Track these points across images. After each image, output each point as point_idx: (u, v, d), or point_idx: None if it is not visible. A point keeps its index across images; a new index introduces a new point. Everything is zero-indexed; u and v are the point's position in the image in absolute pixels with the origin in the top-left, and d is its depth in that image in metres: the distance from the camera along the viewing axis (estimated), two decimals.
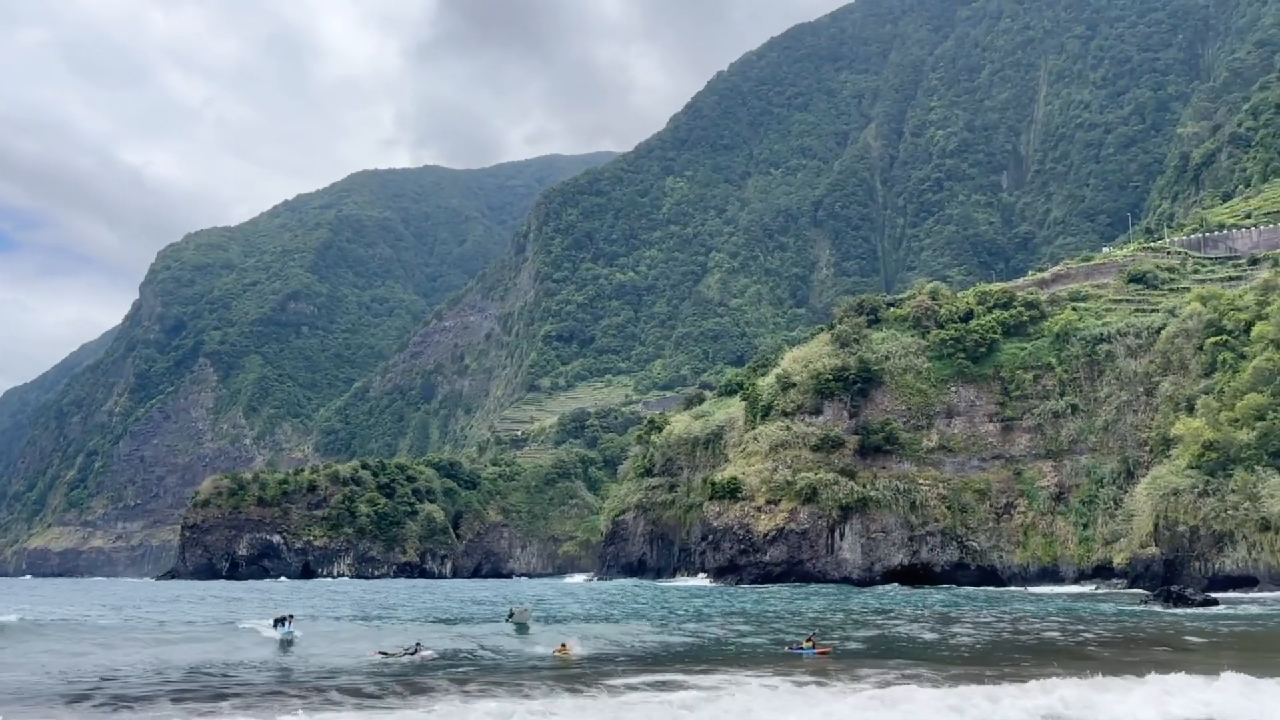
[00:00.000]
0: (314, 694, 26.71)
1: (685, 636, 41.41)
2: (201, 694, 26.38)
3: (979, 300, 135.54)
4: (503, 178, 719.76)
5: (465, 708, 23.89)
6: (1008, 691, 24.59)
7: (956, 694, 24.25)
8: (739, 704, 23.52)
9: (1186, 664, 33.39)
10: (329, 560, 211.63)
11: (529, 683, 28.40)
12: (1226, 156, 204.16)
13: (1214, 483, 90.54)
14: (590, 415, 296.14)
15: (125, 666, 31.34)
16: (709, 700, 24.21)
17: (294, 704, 24.80)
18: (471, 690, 26.92)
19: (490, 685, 27.87)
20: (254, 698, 26.06)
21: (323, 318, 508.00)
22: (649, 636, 41.13)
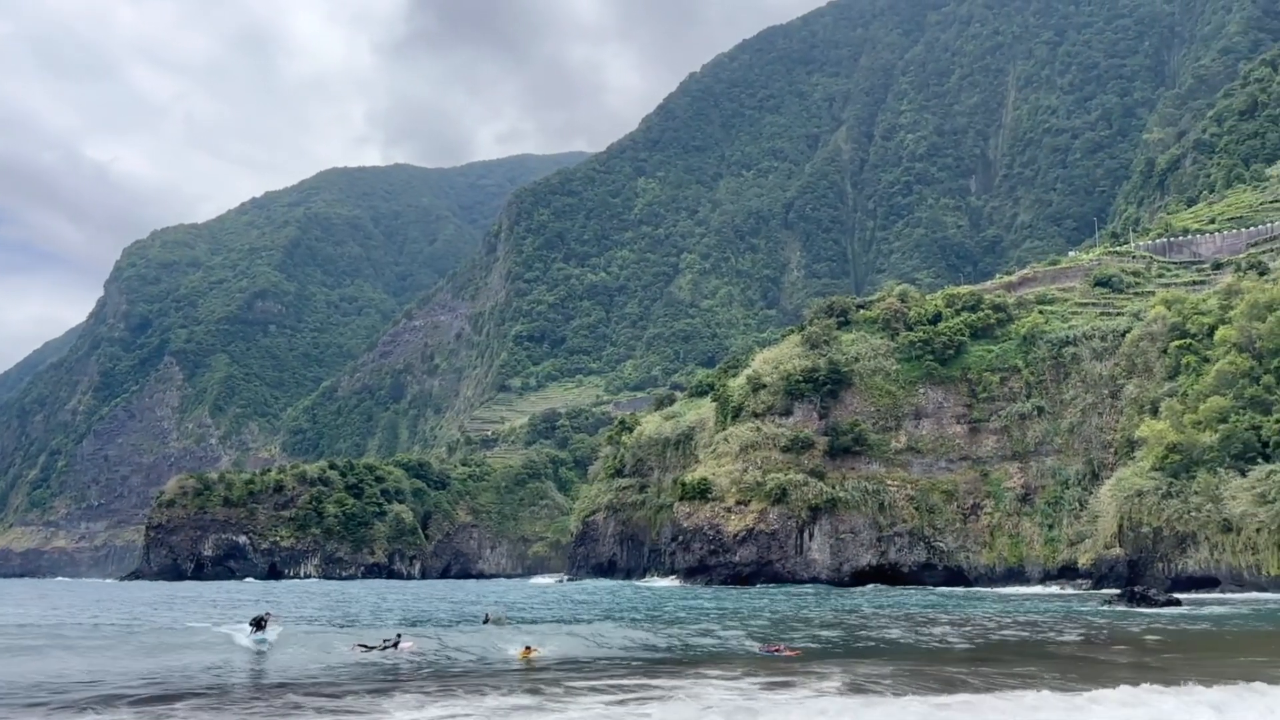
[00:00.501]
0: (271, 695, 26.37)
1: (655, 637, 41.34)
2: (151, 698, 25.69)
3: (947, 303, 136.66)
4: (474, 177, 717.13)
5: (418, 711, 23.64)
6: (983, 701, 24.69)
7: (923, 704, 24.33)
8: (691, 712, 23.35)
9: (1152, 668, 33.84)
10: (296, 561, 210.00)
11: (491, 684, 28.21)
12: (1191, 162, 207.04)
13: (1177, 484, 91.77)
14: (561, 416, 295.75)
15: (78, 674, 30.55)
16: (663, 705, 24.09)
17: (254, 706, 24.48)
18: (432, 691, 26.71)
19: (451, 687, 27.56)
20: (210, 699, 25.65)
21: (290, 316, 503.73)
22: (618, 638, 41.04)
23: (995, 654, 36.66)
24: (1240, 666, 31.48)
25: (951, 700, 24.39)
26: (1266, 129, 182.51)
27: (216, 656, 35.24)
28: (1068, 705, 23.63)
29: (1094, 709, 23.07)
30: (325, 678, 30.35)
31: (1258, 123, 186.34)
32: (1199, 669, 29.98)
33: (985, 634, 44.67)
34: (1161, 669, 31.99)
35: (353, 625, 52.24)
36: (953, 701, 24.21)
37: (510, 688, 27.26)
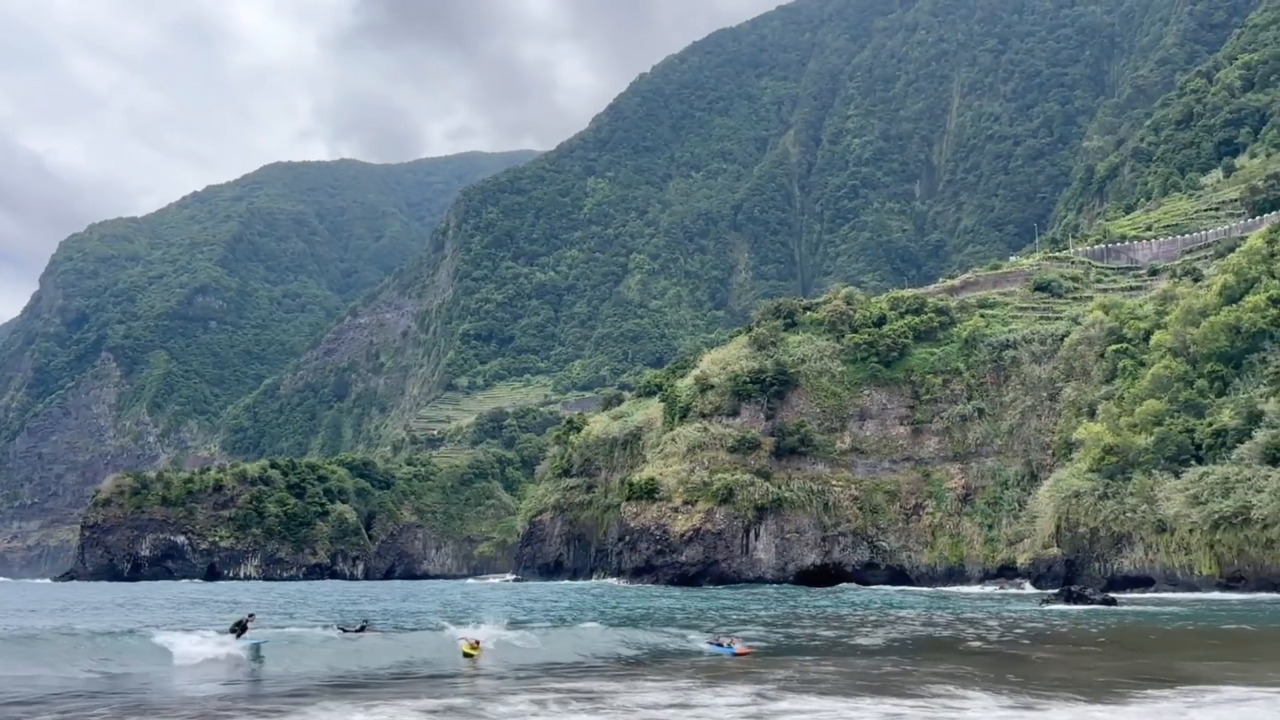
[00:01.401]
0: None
1: (607, 640, 41.10)
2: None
3: (892, 306, 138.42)
4: (421, 173, 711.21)
5: (343, 716, 23.01)
6: (903, 703, 24.95)
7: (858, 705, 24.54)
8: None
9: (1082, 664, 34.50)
10: (236, 561, 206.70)
11: (425, 689, 27.73)
12: (1129, 170, 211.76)
13: (1113, 486, 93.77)
14: (508, 415, 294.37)
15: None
16: (591, 706, 23.88)
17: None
18: (359, 695, 26.19)
19: (379, 693, 27.00)
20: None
21: (232, 313, 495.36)
22: (567, 639, 40.80)
23: (932, 653, 37.16)
24: (1161, 662, 32.27)
25: (898, 703, 24.67)
26: (1201, 139, 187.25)
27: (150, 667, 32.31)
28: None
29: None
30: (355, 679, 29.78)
31: (1193, 132, 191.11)
32: (1130, 670, 30.65)
33: (920, 633, 45.29)
34: (1091, 670, 32.67)
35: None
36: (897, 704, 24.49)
37: (443, 691, 26.87)
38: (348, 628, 42.65)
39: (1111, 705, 23.37)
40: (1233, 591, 78.94)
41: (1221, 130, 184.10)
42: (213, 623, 48.91)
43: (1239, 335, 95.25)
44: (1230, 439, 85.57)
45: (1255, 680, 27.05)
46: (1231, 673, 29.33)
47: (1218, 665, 31.90)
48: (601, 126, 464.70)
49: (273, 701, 25.10)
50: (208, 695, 27.01)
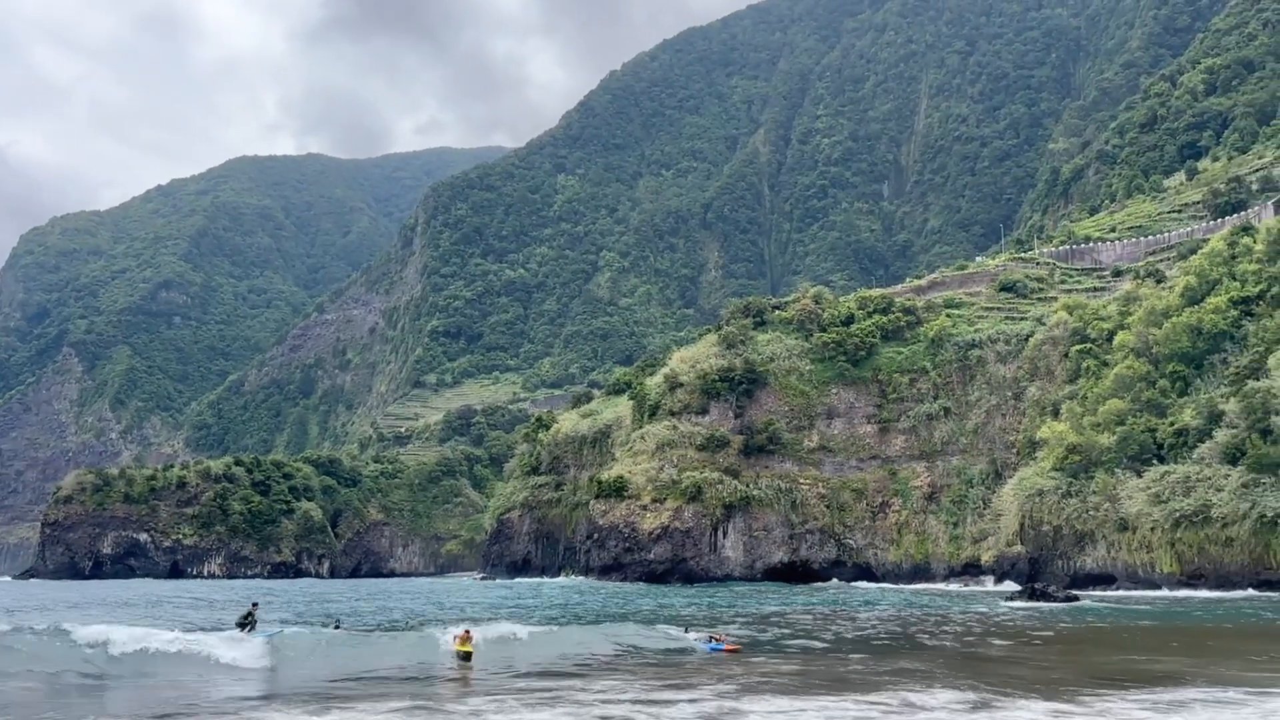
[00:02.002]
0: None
1: (593, 637, 40.13)
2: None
3: (860, 305, 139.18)
4: (390, 169, 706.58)
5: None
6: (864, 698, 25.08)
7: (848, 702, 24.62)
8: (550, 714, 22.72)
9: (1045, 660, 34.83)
10: (199, 560, 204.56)
11: (395, 690, 27.16)
12: (1094, 172, 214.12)
13: (1076, 484, 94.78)
14: (477, 413, 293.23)
15: None
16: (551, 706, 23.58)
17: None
18: (333, 698, 25.83)
19: (345, 696, 26.28)
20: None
21: (196, 308, 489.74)
22: (547, 639, 39.90)
23: (895, 650, 37.40)
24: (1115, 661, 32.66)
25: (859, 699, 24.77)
26: (1165, 141, 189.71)
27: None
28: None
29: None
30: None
31: (1157, 135, 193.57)
32: (1085, 668, 30.96)
33: (889, 629, 45.58)
34: (1051, 668, 33.01)
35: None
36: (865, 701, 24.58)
37: (414, 693, 26.57)
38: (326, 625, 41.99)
39: (1070, 703, 23.60)
40: (1193, 589, 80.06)
41: (1184, 133, 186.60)
42: (202, 622, 48.33)
43: (1200, 336, 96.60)
44: (1191, 438, 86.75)
45: (1215, 679, 27.40)
46: (1188, 669, 29.74)
47: (1178, 663, 32.32)
48: (572, 123, 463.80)
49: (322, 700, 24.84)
50: (255, 696, 26.70)
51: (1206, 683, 26.20)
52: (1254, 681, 26.59)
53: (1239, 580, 77.76)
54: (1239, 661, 32.34)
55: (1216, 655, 34.65)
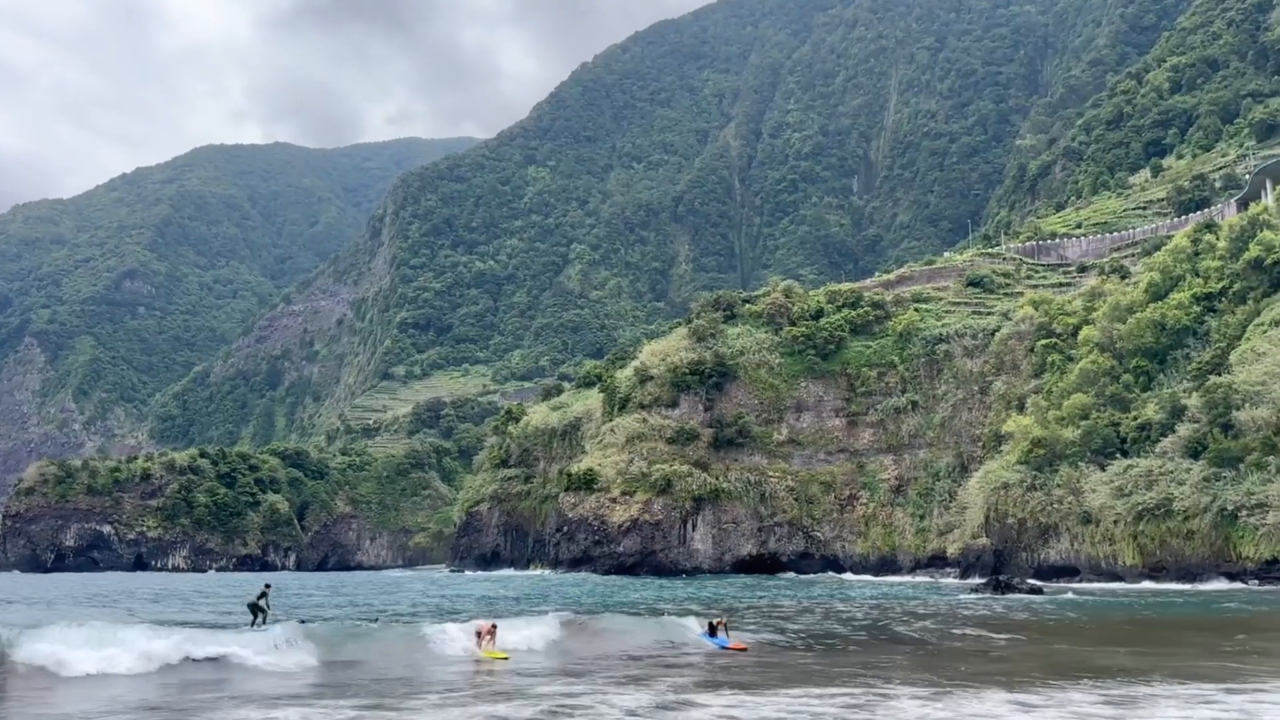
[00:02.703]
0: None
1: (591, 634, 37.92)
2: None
3: (829, 299, 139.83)
4: (358, 158, 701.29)
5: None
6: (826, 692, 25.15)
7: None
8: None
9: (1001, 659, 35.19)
10: (164, 552, 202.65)
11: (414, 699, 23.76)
12: (1060, 169, 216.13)
13: (1041, 477, 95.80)
14: (446, 405, 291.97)
15: None
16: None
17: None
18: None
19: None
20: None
21: (161, 298, 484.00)
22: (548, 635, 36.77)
23: (857, 642, 37.64)
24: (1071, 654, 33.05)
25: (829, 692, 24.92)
26: (1131, 139, 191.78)
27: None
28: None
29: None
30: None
31: (1123, 132, 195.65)
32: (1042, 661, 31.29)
33: (853, 621, 45.91)
34: (1013, 660, 33.33)
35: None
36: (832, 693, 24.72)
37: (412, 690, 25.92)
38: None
39: (1031, 695, 23.84)
40: (1155, 581, 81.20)
41: (1150, 131, 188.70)
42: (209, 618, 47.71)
43: (1164, 331, 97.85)
44: (1154, 433, 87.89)
45: (1175, 672, 27.77)
46: (1148, 661, 30.17)
47: (1138, 654, 32.78)
48: (543, 115, 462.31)
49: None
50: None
51: (1167, 675, 26.57)
52: (1211, 674, 27.01)
53: (1200, 572, 78.94)
54: (1198, 652, 32.85)
55: (1177, 647, 35.17)
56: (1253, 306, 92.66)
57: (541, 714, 21.31)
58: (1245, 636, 37.74)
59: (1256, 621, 45.17)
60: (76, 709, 22.09)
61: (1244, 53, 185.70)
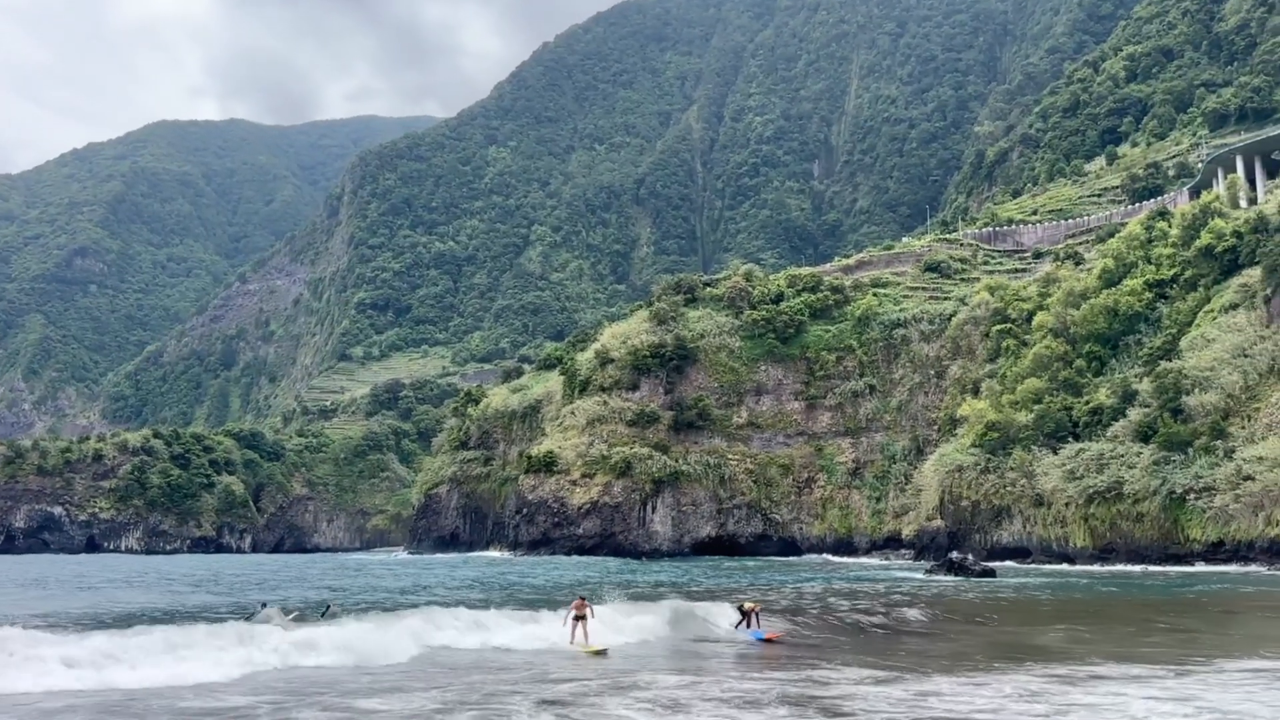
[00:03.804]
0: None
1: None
2: None
3: (789, 283, 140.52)
4: (316, 136, 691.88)
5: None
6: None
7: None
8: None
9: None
10: (116, 534, 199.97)
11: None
12: (1018, 156, 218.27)
13: (994, 461, 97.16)
14: (405, 386, 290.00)
15: None
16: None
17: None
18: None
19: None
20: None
21: (113, 276, 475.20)
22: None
23: (806, 624, 37.84)
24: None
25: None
26: (1087, 127, 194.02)
27: None
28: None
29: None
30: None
31: (1079, 120, 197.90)
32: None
33: (802, 604, 46.30)
34: (960, 641, 33.81)
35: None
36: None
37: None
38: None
39: (980, 674, 24.17)
40: (1105, 563, 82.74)
41: (1106, 119, 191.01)
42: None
43: (1116, 317, 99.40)
44: (1106, 417, 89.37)
45: (1122, 656, 28.26)
46: (1096, 642, 30.75)
47: (1086, 635, 33.38)
48: (504, 95, 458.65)
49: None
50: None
51: (1113, 657, 27.05)
52: (1154, 655, 27.55)
53: (1149, 554, 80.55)
54: (1145, 633, 33.53)
55: (1125, 627, 35.85)
56: (1203, 293, 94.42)
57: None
58: (1174, 618, 38.60)
59: (1200, 602, 46.23)
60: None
61: (1198, 43, 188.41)
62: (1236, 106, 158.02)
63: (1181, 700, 20.24)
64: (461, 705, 20.18)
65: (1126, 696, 20.70)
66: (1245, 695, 20.70)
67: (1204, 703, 19.87)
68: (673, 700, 20.57)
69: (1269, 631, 33.86)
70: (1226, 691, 21.23)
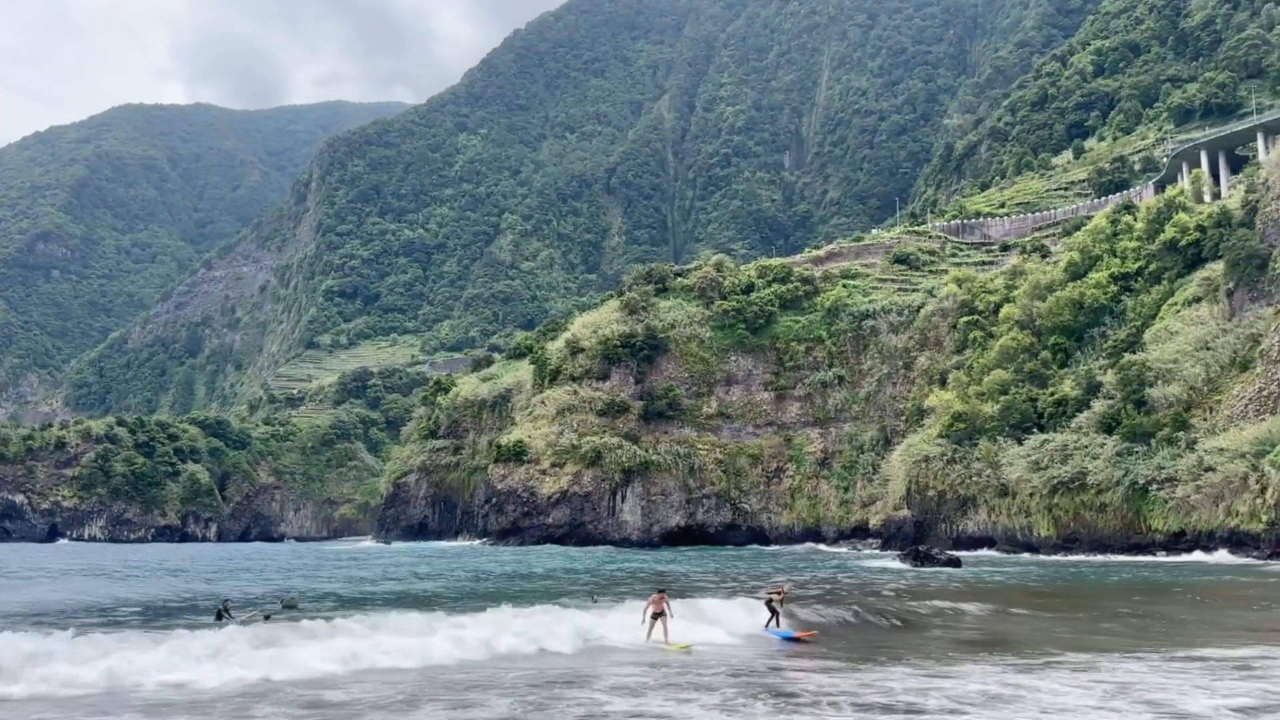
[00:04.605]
0: None
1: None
2: None
3: (760, 274, 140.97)
4: (283, 121, 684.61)
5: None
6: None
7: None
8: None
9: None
10: (79, 522, 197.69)
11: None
12: (986, 149, 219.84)
13: (961, 451, 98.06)
14: (373, 375, 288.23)
15: None
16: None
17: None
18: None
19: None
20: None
21: (76, 261, 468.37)
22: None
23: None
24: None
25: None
26: (1054, 120, 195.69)
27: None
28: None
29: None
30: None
31: (1047, 114, 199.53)
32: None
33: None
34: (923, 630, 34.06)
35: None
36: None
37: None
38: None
39: (937, 665, 24.40)
40: (1068, 553, 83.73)
41: (1073, 113, 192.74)
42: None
43: (1081, 310, 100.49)
44: (1070, 408, 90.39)
45: (1081, 645, 28.65)
46: (1056, 633, 31.15)
47: (1047, 626, 33.80)
48: (474, 81, 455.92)
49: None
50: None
51: (1071, 647, 27.38)
52: (1109, 645, 27.95)
53: (1111, 544, 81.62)
54: (1105, 622, 34.00)
55: (1088, 615, 36.31)
56: (1167, 286, 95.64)
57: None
58: (1135, 603, 39.21)
59: (1160, 592, 46.95)
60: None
61: (1164, 38, 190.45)
62: (1201, 102, 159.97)
63: (1121, 687, 20.49)
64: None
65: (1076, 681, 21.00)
66: (1176, 683, 21.03)
67: (1140, 690, 20.08)
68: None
69: (1224, 620, 34.43)
70: (1170, 678, 21.57)
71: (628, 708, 18.71)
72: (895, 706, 18.79)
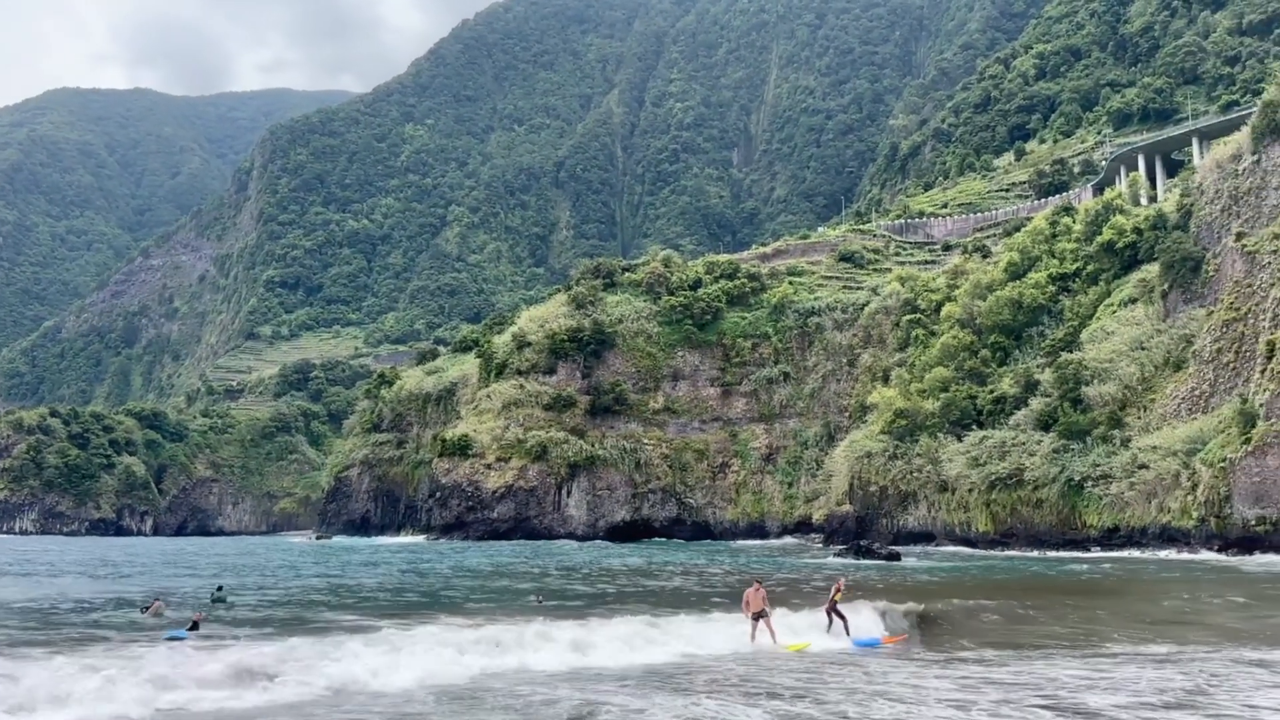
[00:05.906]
0: None
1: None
2: None
3: (707, 270, 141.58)
4: (225, 108, 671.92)
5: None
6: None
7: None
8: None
9: None
10: (10, 515, 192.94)
11: None
12: (930, 149, 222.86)
13: (902, 447, 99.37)
14: (315, 367, 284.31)
15: None
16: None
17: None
18: None
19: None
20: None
21: (8, 248, 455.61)
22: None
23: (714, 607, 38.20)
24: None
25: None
26: (997, 122, 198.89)
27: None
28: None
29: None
30: None
31: (990, 116, 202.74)
32: None
33: (702, 590, 46.86)
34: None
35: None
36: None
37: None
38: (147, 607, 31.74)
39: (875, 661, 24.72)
40: (1005, 548, 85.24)
41: (1015, 115, 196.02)
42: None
43: (1020, 309, 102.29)
44: (1009, 406, 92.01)
45: (1017, 638, 29.09)
46: (992, 626, 31.66)
47: (986, 619, 34.34)
48: (421, 72, 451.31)
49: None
50: None
51: (1005, 640, 27.81)
52: (1037, 637, 28.45)
53: (1047, 539, 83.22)
54: (1035, 611, 34.61)
55: (1020, 603, 36.94)
56: (1104, 287, 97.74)
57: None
58: (1071, 599, 40.05)
59: (1091, 586, 47.96)
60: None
61: (1105, 43, 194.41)
62: (1139, 107, 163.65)
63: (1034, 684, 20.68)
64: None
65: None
66: (1088, 678, 21.47)
67: (1054, 687, 20.22)
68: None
69: (1149, 613, 35.23)
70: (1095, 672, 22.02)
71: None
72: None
